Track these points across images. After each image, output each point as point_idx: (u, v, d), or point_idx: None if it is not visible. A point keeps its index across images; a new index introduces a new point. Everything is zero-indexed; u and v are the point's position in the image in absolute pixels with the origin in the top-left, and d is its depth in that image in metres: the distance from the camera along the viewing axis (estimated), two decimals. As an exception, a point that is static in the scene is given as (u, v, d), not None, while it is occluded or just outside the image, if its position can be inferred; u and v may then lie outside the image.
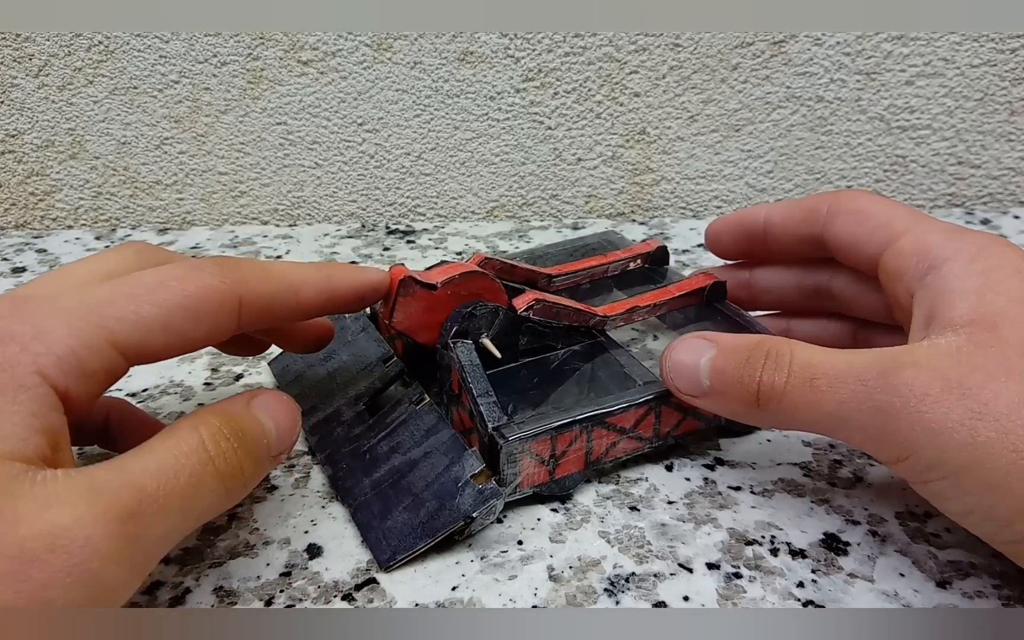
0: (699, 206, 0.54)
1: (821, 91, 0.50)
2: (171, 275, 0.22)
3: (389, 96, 0.51)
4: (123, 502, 0.19)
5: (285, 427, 0.24)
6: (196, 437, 0.21)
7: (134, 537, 0.19)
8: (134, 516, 0.19)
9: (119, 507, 0.19)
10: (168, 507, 0.20)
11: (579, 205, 0.54)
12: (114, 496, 0.19)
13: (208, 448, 0.22)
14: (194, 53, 0.49)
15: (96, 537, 0.18)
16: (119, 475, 0.20)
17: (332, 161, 0.52)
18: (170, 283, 0.22)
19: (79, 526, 0.18)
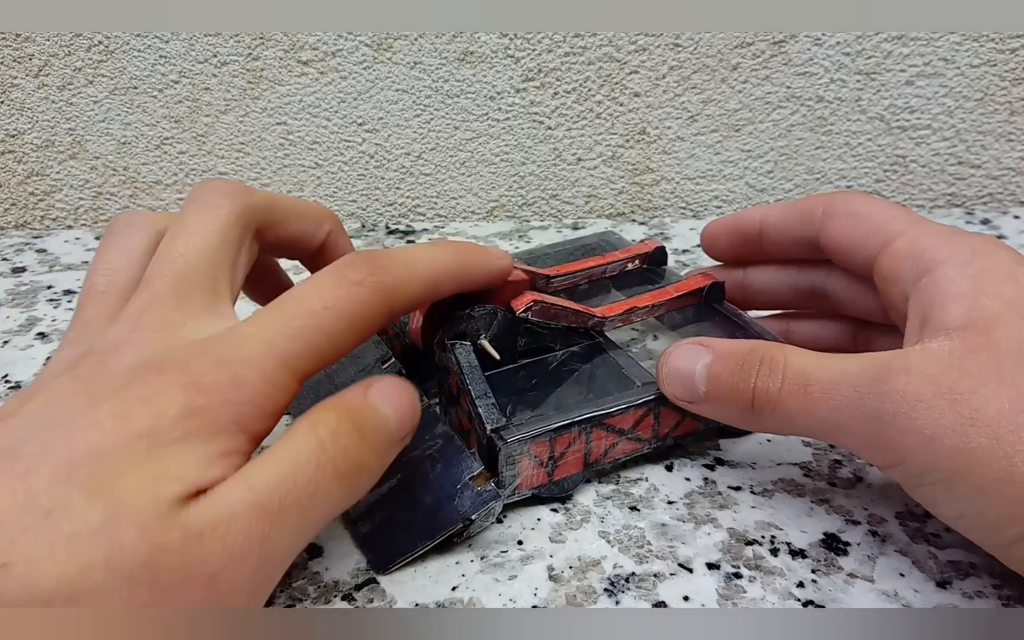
0: (699, 206, 0.54)
1: (821, 91, 0.50)
2: (334, 296, 0.23)
3: (389, 96, 0.51)
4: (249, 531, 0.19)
5: (406, 412, 0.24)
6: (315, 440, 0.21)
7: (257, 565, 0.20)
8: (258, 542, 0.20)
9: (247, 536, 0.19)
10: (288, 523, 0.20)
11: (579, 205, 0.54)
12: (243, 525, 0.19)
13: (328, 449, 0.21)
14: (194, 53, 0.49)
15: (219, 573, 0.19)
16: (248, 493, 0.20)
17: (332, 161, 0.52)
18: (335, 306, 0.23)
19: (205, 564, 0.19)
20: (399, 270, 0.24)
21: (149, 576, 0.18)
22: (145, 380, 0.20)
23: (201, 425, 0.20)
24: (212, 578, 0.19)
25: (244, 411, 0.21)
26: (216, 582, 0.19)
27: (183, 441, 0.20)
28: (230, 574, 0.19)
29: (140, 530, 0.18)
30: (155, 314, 0.23)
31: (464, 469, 0.27)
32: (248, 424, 0.21)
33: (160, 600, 0.18)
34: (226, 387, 0.21)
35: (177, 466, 0.19)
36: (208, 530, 0.19)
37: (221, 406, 0.20)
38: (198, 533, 0.19)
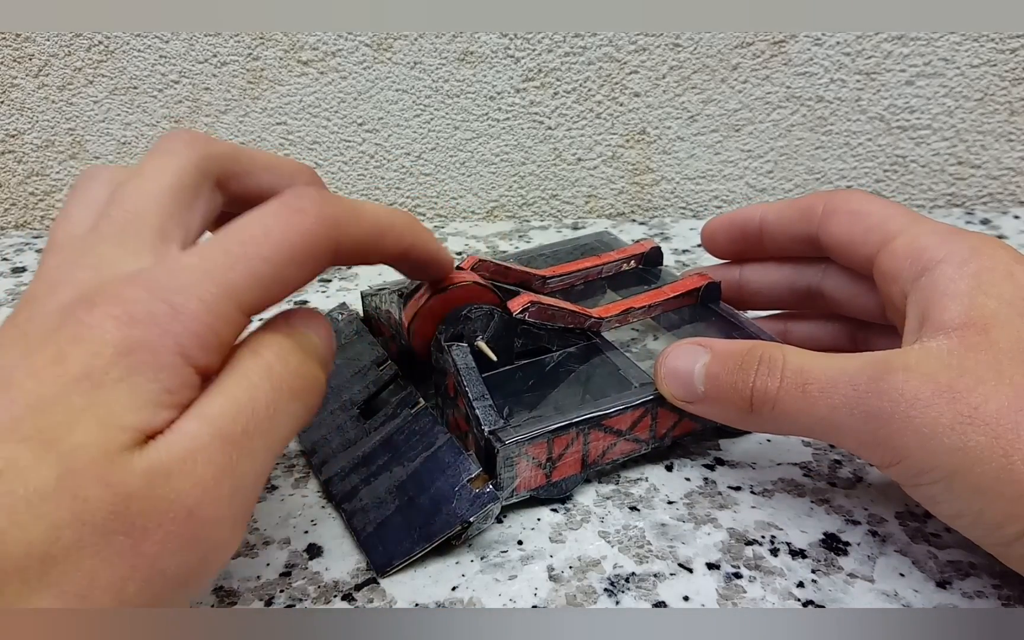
0: (699, 206, 0.54)
1: (821, 91, 0.50)
2: (275, 223, 0.22)
3: (389, 96, 0.51)
4: (214, 461, 0.19)
5: (327, 336, 0.24)
6: (262, 362, 0.21)
7: (230, 493, 0.20)
8: (226, 470, 0.19)
9: (212, 467, 0.19)
10: (254, 447, 0.20)
11: (579, 205, 0.54)
12: (206, 457, 0.19)
13: (277, 368, 0.21)
14: (194, 53, 0.49)
15: (197, 504, 0.19)
16: (206, 429, 0.19)
17: (332, 161, 0.52)
18: (276, 233, 0.22)
19: (181, 498, 0.18)
20: (345, 207, 0.24)
21: (122, 524, 0.18)
22: (76, 316, 0.19)
23: (141, 361, 0.19)
24: (190, 512, 0.19)
25: (186, 342, 0.20)
26: (195, 515, 0.19)
27: (125, 380, 0.19)
28: (207, 506, 0.19)
29: (100, 481, 0.18)
30: (95, 253, 0.22)
31: (462, 471, 0.27)
32: (192, 356, 0.20)
33: (139, 544, 0.18)
34: (163, 317, 0.19)
35: (124, 409, 0.18)
36: (175, 468, 0.19)
37: (159, 337, 0.19)
38: (164, 472, 0.18)
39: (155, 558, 0.18)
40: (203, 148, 0.25)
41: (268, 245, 0.21)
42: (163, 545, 0.18)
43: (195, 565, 0.19)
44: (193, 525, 0.19)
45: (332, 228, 0.23)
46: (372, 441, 0.30)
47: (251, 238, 0.21)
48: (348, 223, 0.23)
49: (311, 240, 0.22)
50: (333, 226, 0.23)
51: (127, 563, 0.18)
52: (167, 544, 0.18)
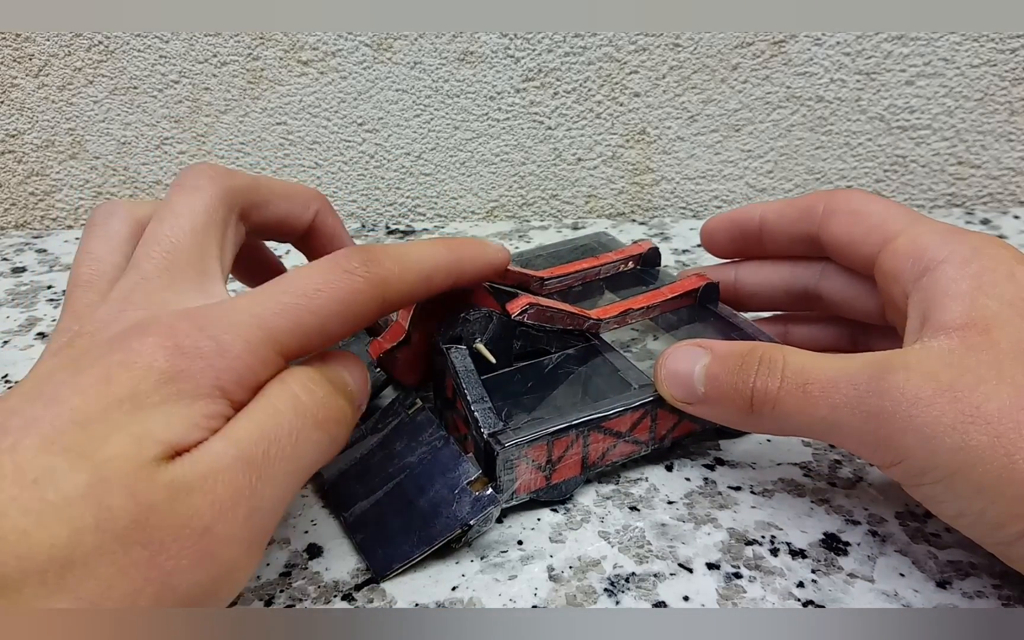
0: (699, 206, 0.54)
1: (821, 91, 0.50)
2: (326, 281, 0.23)
3: (389, 96, 0.51)
4: (235, 483, 0.20)
5: (360, 378, 0.25)
6: (289, 392, 0.22)
7: (247, 517, 0.20)
8: (246, 494, 0.20)
9: (231, 489, 0.20)
10: (275, 473, 0.21)
11: (579, 205, 0.54)
12: (227, 479, 0.20)
13: (303, 399, 0.22)
14: (194, 53, 0.49)
15: (213, 523, 0.19)
16: (231, 450, 0.20)
17: (332, 161, 0.52)
18: (327, 290, 0.23)
19: (198, 516, 0.19)
20: (392, 263, 0.24)
21: (141, 535, 0.18)
22: (128, 344, 0.20)
23: (182, 389, 0.20)
24: (205, 530, 0.19)
25: (225, 378, 0.21)
26: (210, 534, 0.19)
27: (165, 404, 0.20)
28: (222, 525, 0.19)
29: (126, 491, 0.18)
30: (144, 292, 0.23)
31: (461, 474, 0.27)
32: (229, 391, 0.21)
33: (155, 557, 0.18)
34: (209, 352, 0.21)
35: (159, 427, 0.19)
36: (196, 484, 0.19)
37: (203, 371, 0.20)
38: (186, 488, 0.19)
39: (169, 573, 0.19)
40: (227, 181, 0.26)
41: (317, 300, 0.23)
42: (178, 560, 0.19)
43: (207, 584, 0.19)
44: (208, 543, 0.19)
45: (379, 288, 0.24)
46: (370, 443, 0.30)
47: (302, 292, 0.23)
48: (395, 281, 0.24)
49: (359, 300, 0.23)
50: (381, 286, 0.24)
51: (142, 575, 0.18)
52: (181, 560, 0.19)
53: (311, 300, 0.22)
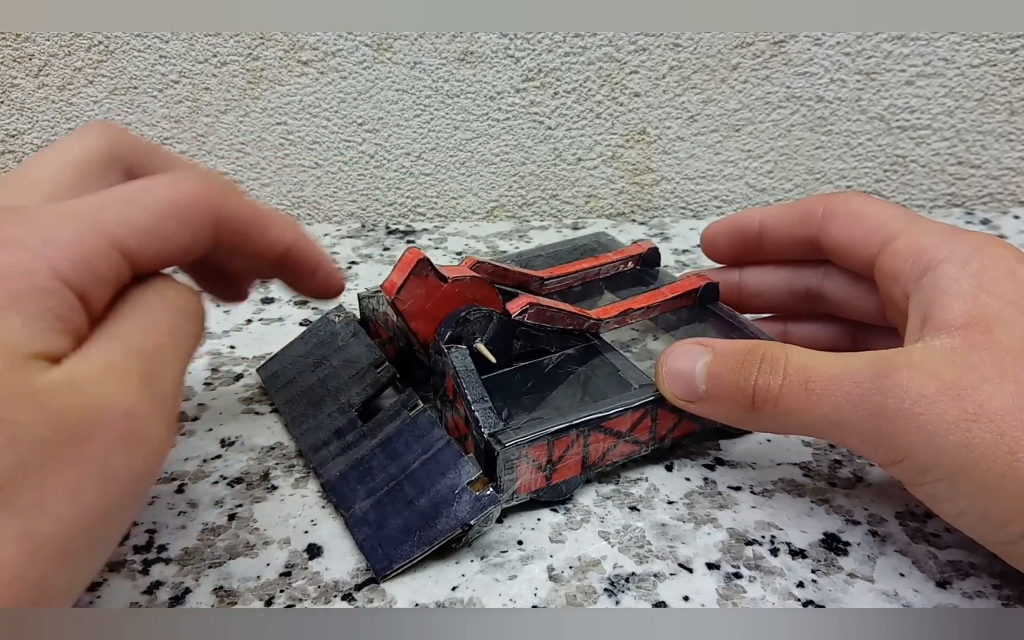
0: (699, 206, 0.54)
1: (821, 91, 0.50)
2: (157, 182, 0.23)
3: (389, 96, 0.51)
4: (136, 369, 0.20)
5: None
6: (153, 290, 0.22)
7: (157, 394, 0.21)
8: (149, 376, 0.20)
9: (136, 373, 0.20)
10: (166, 358, 0.22)
11: (579, 205, 0.54)
12: (128, 366, 0.20)
13: (168, 294, 0.23)
14: (194, 53, 0.49)
15: (131, 404, 0.19)
16: (120, 345, 0.20)
17: (332, 161, 0.52)
18: (157, 188, 0.23)
19: (115, 399, 0.19)
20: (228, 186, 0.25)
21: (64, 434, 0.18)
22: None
23: (23, 287, 0.19)
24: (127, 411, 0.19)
25: (60, 267, 0.20)
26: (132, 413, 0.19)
27: (13, 308, 0.19)
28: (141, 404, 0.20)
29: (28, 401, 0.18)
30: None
31: (462, 474, 0.27)
32: (71, 281, 0.20)
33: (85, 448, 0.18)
34: (35, 243, 0.20)
35: (23, 338, 0.19)
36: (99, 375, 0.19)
37: (32, 261, 0.19)
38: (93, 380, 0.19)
39: (103, 460, 0.19)
40: (117, 135, 0.26)
41: (147, 196, 0.22)
42: (108, 446, 0.19)
43: (141, 462, 0.20)
44: (132, 422, 0.19)
45: (213, 195, 0.24)
46: (371, 444, 0.30)
47: (129, 191, 0.22)
48: (230, 196, 0.24)
49: (191, 199, 0.23)
50: (215, 194, 0.24)
51: (77, 469, 0.18)
52: (111, 444, 0.19)
53: (138, 195, 0.22)
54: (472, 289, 0.31)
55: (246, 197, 0.26)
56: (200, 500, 0.29)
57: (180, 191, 0.23)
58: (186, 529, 0.28)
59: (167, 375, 0.21)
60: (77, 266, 0.20)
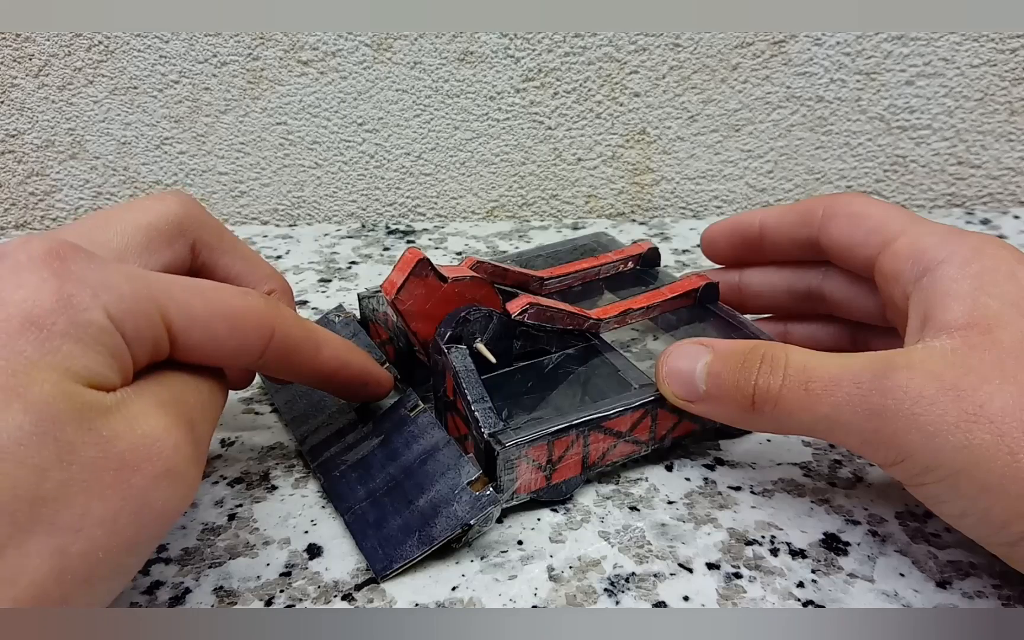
0: (699, 206, 0.54)
1: (821, 91, 0.50)
2: (222, 288, 0.24)
3: (389, 96, 0.51)
4: (185, 414, 0.22)
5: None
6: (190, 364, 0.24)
7: (197, 440, 0.22)
8: (192, 423, 0.22)
9: (185, 418, 0.21)
10: (204, 415, 0.23)
11: (579, 205, 0.54)
12: (179, 409, 0.21)
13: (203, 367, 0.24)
14: (194, 53, 0.49)
15: (180, 442, 0.21)
16: (166, 389, 0.22)
17: (332, 161, 0.52)
18: (220, 291, 0.24)
19: (167, 435, 0.20)
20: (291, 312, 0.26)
21: (112, 461, 0.19)
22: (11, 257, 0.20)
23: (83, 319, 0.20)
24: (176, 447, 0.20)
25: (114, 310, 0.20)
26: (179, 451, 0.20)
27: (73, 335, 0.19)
28: (185, 447, 0.21)
29: (83, 425, 0.19)
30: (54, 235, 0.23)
31: (462, 474, 0.27)
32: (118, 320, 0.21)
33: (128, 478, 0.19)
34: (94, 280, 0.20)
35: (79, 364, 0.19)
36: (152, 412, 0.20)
37: (92, 297, 0.20)
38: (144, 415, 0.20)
39: (144, 490, 0.19)
40: (192, 208, 0.28)
41: (210, 295, 0.23)
42: (151, 479, 0.20)
43: (175, 499, 0.20)
44: (178, 459, 0.20)
45: (273, 316, 0.25)
46: (371, 444, 0.30)
47: (197, 283, 0.24)
48: (290, 322, 0.26)
49: (250, 313, 0.24)
50: (275, 315, 0.25)
51: (119, 495, 0.19)
52: (155, 478, 0.20)
53: (204, 294, 0.23)
54: (472, 289, 0.31)
55: (302, 319, 0.27)
56: (200, 500, 0.29)
57: (241, 303, 0.24)
58: (186, 529, 0.28)
59: (204, 427, 0.23)
60: (124, 315, 0.21)
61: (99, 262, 0.21)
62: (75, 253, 0.21)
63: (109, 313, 0.20)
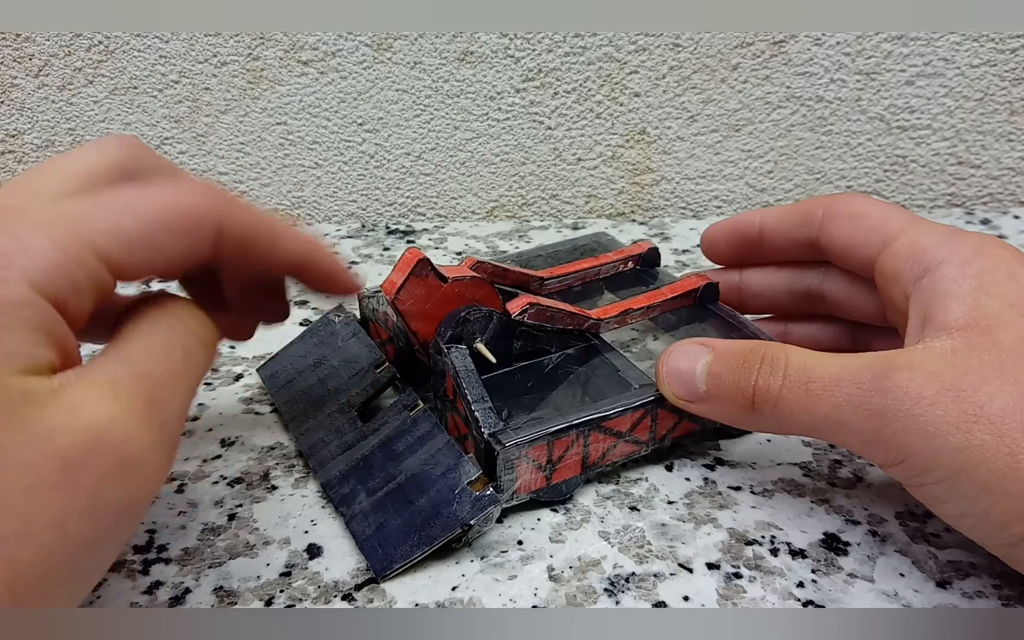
0: (699, 206, 0.54)
1: (821, 91, 0.50)
2: (155, 189, 0.22)
3: (389, 96, 0.51)
4: (142, 392, 0.19)
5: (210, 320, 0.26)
6: (170, 313, 0.22)
7: (160, 423, 0.20)
8: (155, 402, 0.20)
9: (141, 398, 0.19)
10: (175, 385, 0.21)
11: (579, 205, 0.54)
12: (133, 389, 0.19)
13: (185, 319, 0.22)
14: (194, 53, 0.49)
15: (132, 430, 0.19)
16: (128, 367, 0.20)
17: (332, 161, 0.52)
18: (152, 196, 0.21)
19: (114, 424, 0.18)
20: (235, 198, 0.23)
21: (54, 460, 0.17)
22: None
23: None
24: (126, 438, 0.19)
25: (36, 277, 0.19)
26: (131, 441, 0.19)
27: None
28: (142, 433, 0.19)
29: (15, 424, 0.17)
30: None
31: (462, 474, 0.27)
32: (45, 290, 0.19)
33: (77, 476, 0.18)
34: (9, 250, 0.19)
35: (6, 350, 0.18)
36: (97, 397, 0.19)
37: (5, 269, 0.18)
38: (89, 402, 0.18)
39: (93, 488, 0.18)
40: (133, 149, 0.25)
41: (137, 204, 0.21)
42: (101, 474, 0.18)
43: (135, 492, 0.19)
44: (130, 449, 0.19)
45: (214, 206, 0.22)
46: (371, 444, 0.30)
47: (119, 197, 0.21)
48: (233, 206, 0.23)
49: (186, 208, 0.22)
50: (216, 205, 0.22)
51: (66, 496, 0.17)
52: (106, 472, 0.18)
53: (130, 202, 0.21)
54: (472, 289, 0.31)
55: (254, 207, 0.24)
56: (200, 500, 0.29)
57: (175, 200, 0.22)
58: (186, 529, 0.28)
59: (173, 402, 0.21)
60: (50, 274, 0.19)
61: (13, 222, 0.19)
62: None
63: (31, 279, 0.18)
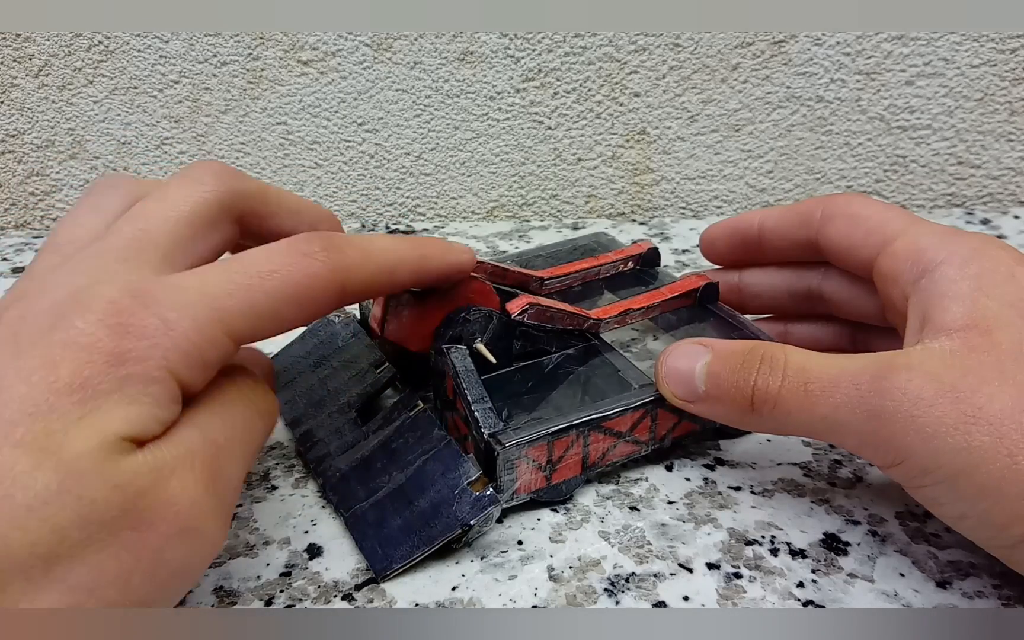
0: (699, 206, 0.54)
1: (821, 91, 0.50)
2: (282, 262, 0.23)
3: (389, 96, 0.51)
4: (208, 462, 0.21)
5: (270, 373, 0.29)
6: (237, 385, 0.23)
7: (220, 492, 0.21)
8: (217, 473, 0.21)
9: (208, 468, 0.21)
10: (234, 453, 0.22)
11: (579, 205, 0.54)
12: (203, 458, 0.21)
13: (247, 391, 0.23)
14: (194, 53, 0.49)
15: (200, 497, 0.20)
16: (199, 433, 0.21)
17: (332, 161, 0.52)
18: (282, 272, 0.22)
19: (184, 492, 0.20)
20: (354, 252, 0.24)
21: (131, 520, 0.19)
22: (68, 320, 0.20)
23: (132, 373, 0.20)
24: (193, 503, 0.20)
25: (173, 359, 0.20)
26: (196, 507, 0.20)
27: (117, 392, 0.19)
28: (205, 500, 0.20)
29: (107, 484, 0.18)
30: (95, 261, 0.22)
31: (462, 474, 0.27)
32: (178, 372, 0.20)
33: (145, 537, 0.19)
34: (154, 331, 0.20)
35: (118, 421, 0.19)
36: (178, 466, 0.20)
37: (149, 351, 0.20)
38: (170, 470, 0.20)
39: (159, 550, 0.19)
40: (230, 183, 0.25)
41: (271, 282, 0.22)
42: (167, 537, 0.19)
43: (193, 556, 0.20)
44: (194, 517, 0.20)
45: (339, 274, 0.23)
46: (370, 444, 0.30)
47: (256, 272, 0.22)
48: (356, 268, 0.24)
49: (315, 284, 0.23)
50: (341, 272, 0.23)
51: (133, 555, 0.19)
52: (170, 536, 0.19)
53: (264, 281, 0.22)
54: (472, 289, 0.31)
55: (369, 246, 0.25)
56: (200, 500, 0.29)
57: (305, 274, 0.22)
58: (186, 529, 0.28)
59: (232, 472, 0.22)
60: (189, 359, 0.21)
61: (160, 302, 0.20)
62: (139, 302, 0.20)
63: (168, 362, 0.20)
